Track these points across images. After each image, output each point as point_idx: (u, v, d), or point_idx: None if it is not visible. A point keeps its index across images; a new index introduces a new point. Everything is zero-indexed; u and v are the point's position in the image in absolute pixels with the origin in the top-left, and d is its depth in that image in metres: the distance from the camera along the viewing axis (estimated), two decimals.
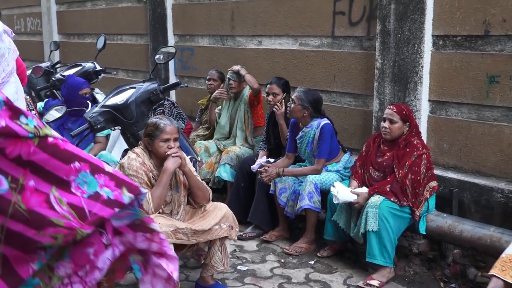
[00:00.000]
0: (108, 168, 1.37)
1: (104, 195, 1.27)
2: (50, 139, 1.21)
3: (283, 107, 4.78)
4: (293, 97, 4.49)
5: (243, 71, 5.23)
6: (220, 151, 5.35)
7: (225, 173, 5.07)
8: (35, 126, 1.20)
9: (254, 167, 4.67)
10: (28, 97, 3.97)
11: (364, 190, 3.95)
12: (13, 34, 2.67)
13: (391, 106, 4.01)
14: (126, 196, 1.32)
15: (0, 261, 1.11)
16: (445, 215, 3.96)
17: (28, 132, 1.17)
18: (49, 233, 1.14)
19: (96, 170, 1.30)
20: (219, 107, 5.56)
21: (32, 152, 1.17)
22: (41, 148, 1.18)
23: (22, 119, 1.19)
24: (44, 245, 1.16)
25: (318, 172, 4.38)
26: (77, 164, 1.26)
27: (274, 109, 4.82)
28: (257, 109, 5.35)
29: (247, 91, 5.34)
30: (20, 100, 2.68)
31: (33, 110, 4.10)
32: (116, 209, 1.31)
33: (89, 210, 1.22)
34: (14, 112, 1.19)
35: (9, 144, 1.13)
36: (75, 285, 1.23)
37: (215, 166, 5.24)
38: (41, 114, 5.01)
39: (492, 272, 3.15)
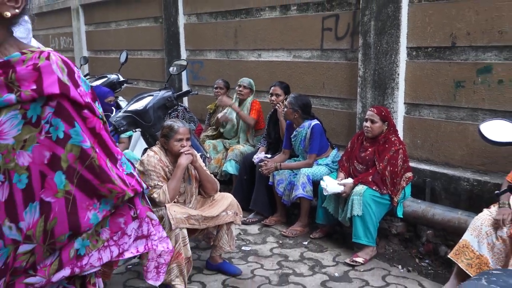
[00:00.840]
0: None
1: (136, 175, 1.39)
2: (106, 125, 1.37)
3: (281, 107, 4.79)
4: (286, 102, 4.50)
5: (236, 109, 5.28)
6: (226, 149, 5.35)
7: (231, 167, 5.06)
8: (100, 112, 1.34)
9: (255, 159, 4.66)
10: None
11: (349, 180, 3.94)
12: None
13: (372, 108, 4.00)
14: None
15: (70, 200, 1.22)
16: (419, 201, 3.95)
17: (99, 113, 1.32)
18: (108, 187, 1.27)
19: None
20: (225, 110, 5.50)
21: (100, 128, 1.30)
22: (104, 128, 1.32)
23: (97, 104, 1.34)
24: (101, 194, 1.27)
25: (310, 165, 4.37)
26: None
27: (276, 107, 4.83)
28: (257, 112, 5.33)
29: (250, 99, 5.32)
30: None
31: None
32: (144, 188, 1.40)
33: (129, 183, 1.31)
34: (94, 97, 1.33)
35: (89, 116, 1.27)
36: (112, 247, 1.34)
37: (222, 161, 5.24)
38: None
39: (449, 255, 3.17)
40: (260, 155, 4.71)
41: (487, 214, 3.17)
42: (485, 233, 3.10)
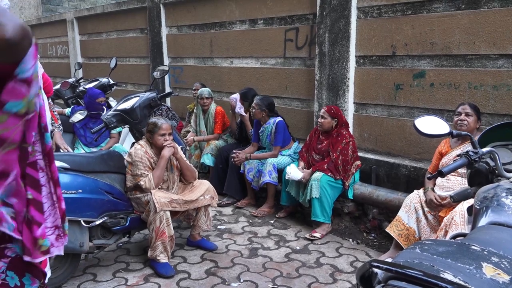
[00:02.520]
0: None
1: None
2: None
3: (245, 112, 4.78)
4: (253, 104, 4.48)
5: (201, 139, 5.15)
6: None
7: (208, 160, 5.02)
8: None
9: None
10: (51, 102, 3.85)
11: (308, 171, 3.98)
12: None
13: (325, 107, 4.04)
14: None
15: None
16: (366, 184, 4.02)
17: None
18: None
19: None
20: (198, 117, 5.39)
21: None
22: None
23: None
24: None
25: (275, 156, 4.38)
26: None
27: (241, 113, 4.78)
28: (221, 121, 5.23)
29: (213, 107, 5.19)
30: (45, 107, 2.56)
31: (55, 111, 3.99)
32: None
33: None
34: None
35: None
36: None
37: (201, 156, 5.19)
38: (68, 117, 4.88)
39: (386, 228, 3.29)
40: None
41: (416, 194, 3.28)
42: (413, 209, 3.22)
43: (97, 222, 3.03)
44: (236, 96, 4.81)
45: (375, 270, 1.06)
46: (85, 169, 3.05)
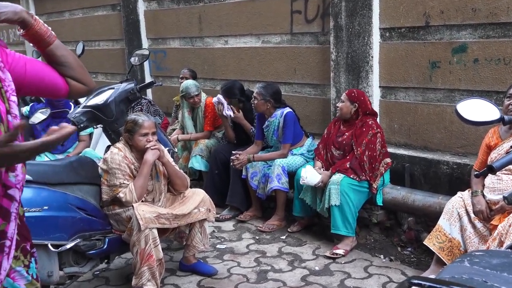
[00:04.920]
0: None
1: None
2: None
3: (237, 111, 4.79)
4: (254, 94, 4.49)
5: (187, 137, 5.24)
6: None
7: (197, 163, 5.04)
8: None
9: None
10: None
11: (326, 173, 3.99)
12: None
13: (347, 90, 4.07)
14: None
15: None
16: (398, 187, 4.03)
17: None
18: None
19: None
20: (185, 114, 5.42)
21: None
22: None
23: None
24: None
25: (284, 156, 4.40)
26: None
27: (230, 115, 4.78)
28: (212, 116, 5.25)
29: (203, 99, 5.22)
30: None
31: None
32: None
33: None
34: None
35: None
36: None
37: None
38: (27, 118, 4.90)
39: (425, 240, 3.31)
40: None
41: (459, 197, 3.29)
42: (457, 216, 3.23)
43: (68, 246, 3.04)
44: (219, 96, 4.80)
45: None
46: (51, 181, 3.07)
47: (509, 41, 3.61)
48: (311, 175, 3.96)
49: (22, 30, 1.54)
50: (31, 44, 1.62)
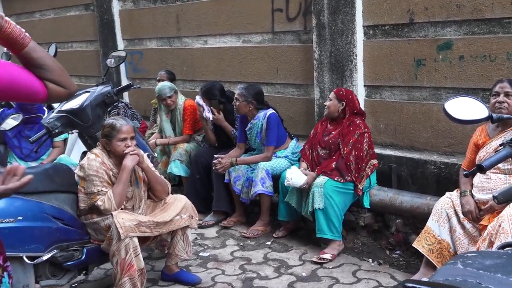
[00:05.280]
0: None
1: None
2: None
3: (218, 113, 4.79)
4: (236, 95, 4.49)
5: (165, 142, 5.26)
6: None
7: (176, 168, 5.02)
8: None
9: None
10: None
11: (312, 174, 4.01)
12: None
13: (335, 89, 4.14)
14: None
15: None
16: (386, 188, 4.06)
17: None
18: None
19: None
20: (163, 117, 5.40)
21: None
22: None
23: None
24: None
25: (268, 159, 4.41)
26: None
27: (211, 118, 4.78)
28: (191, 119, 5.23)
29: (180, 101, 5.19)
30: None
31: None
32: None
33: None
34: None
35: None
36: None
37: None
38: None
39: (413, 243, 3.34)
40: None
41: (447, 197, 3.33)
42: (445, 217, 3.27)
43: (45, 258, 3.01)
44: (198, 98, 4.80)
45: None
46: (25, 190, 2.97)
47: (494, 37, 3.67)
48: (296, 176, 3.97)
49: None
50: (5, 49, 1.60)
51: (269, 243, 4.25)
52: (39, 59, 1.57)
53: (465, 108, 1.90)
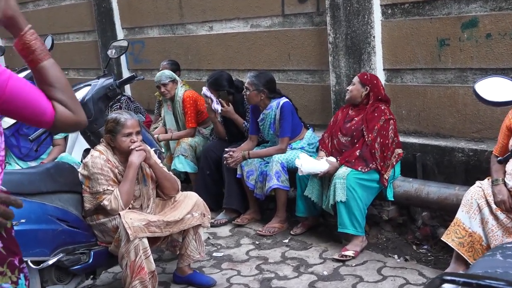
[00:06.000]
0: None
1: None
2: None
3: (227, 105, 4.79)
4: (246, 84, 4.49)
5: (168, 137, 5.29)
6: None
7: (180, 164, 5.03)
8: None
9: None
10: None
11: (333, 159, 4.00)
12: None
13: (359, 73, 4.16)
14: None
15: None
16: (410, 179, 4.05)
17: None
18: None
19: None
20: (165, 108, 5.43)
21: None
22: None
23: None
24: None
25: (283, 151, 4.41)
26: None
27: (219, 110, 4.79)
28: (193, 111, 5.22)
29: (180, 92, 5.19)
30: None
31: None
32: None
33: None
34: None
35: None
36: None
37: None
38: None
39: (442, 236, 3.32)
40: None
41: (478, 186, 3.31)
42: (476, 208, 3.25)
43: (50, 262, 3.03)
44: (205, 89, 4.81)
45: (448, 286, 1.09)
46: (27, 191, 3.04)
47: None
48: (307, 162, 3.96)
49: (14, 37, 1.49)
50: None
51: (286, 241, 4.26)
52: (54, 77, 1.55)
53: (497, 89, 1.89)
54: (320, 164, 3.97)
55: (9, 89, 1.47)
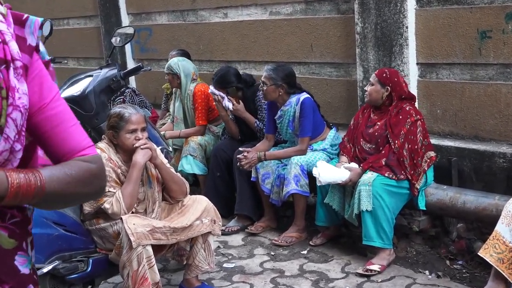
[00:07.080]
0: None
1: None
2: None
3: (237, 102, 4.82)
4: (262, 78, 4.47)
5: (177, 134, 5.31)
6: None
7: (188, 165, 5.03)
8: None
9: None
10: None
11: (354, 165, 3.99)
12: None
13: (376, 70, 4.09)
14: None
15: None
16: (445, 187, 4.02)
17: None
18: None
19: None
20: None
21: None
22: None
23: None
24: None
25: (303, 152, 4.40)
26: None
27: (231, 108, 4.82)
28: (204, 107, 5.23)
29: (191, 86, 5.19)
30: None
31: None
32: None
33: None
34: None
35: None
36: None
37: None
38: None
39: (479, 251, 3.28)
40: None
41: None
42: None
43: (45, 270, 3.05)
44: (212, 88, 4.83)
45: None
46: None
47: None
48: (325, 171, 3.94)
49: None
50: None
51: (305, 252, 4.25)
52: (64, 184, 1.36)
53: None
54: (340, 172, 3.95)
55: (47, 110, 1.39)
